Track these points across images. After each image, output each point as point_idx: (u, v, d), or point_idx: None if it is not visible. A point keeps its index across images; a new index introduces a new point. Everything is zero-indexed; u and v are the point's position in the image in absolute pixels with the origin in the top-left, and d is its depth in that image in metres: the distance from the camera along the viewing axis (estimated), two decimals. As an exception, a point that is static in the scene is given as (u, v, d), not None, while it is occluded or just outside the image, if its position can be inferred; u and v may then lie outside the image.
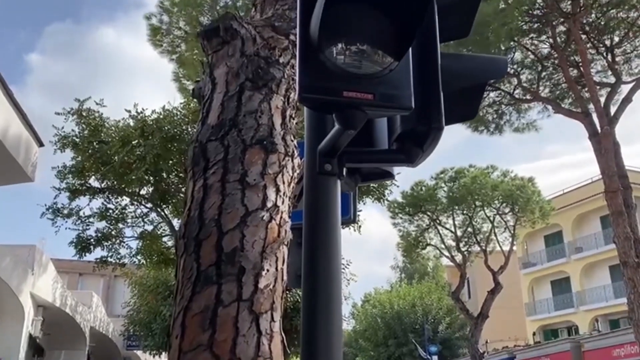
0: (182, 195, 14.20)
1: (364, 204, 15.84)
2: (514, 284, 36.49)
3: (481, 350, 27.87)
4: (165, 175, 14.26)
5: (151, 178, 14.05)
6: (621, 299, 25.44)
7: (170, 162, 13.74)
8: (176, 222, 15.12)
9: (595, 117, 17.64)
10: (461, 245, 28.58)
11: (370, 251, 79.62)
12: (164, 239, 15.96)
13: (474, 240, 28.38)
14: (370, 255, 78.92)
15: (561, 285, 38.40)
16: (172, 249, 15.17)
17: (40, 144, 11.37)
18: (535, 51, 19.54)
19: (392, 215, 28.80)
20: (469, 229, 28.33)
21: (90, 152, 13.90)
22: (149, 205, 15.32)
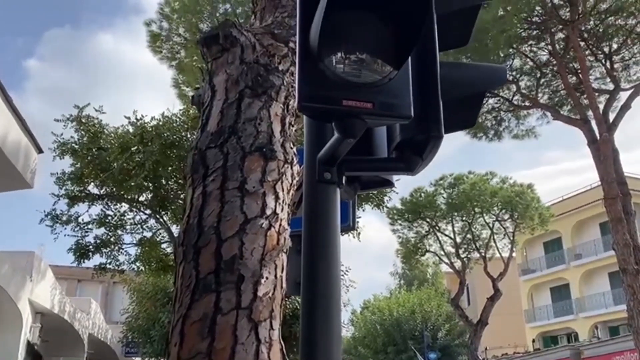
0: (181, 202, 14.17)
1: (363, 210, 15.84)
2: (513, 291, 36.42)
3: (480, 357, 27.83)
4: (164, 182, 14.24)
5: (150, 184, 14.03)
6: (621, 305, 25.41)
7: (170, 168, 13.74)
8: (175, 229, 15.08)
9: (594, 124, 17.67)
10: (460, 251, 28.53)
11: (369, 257, 79.49)
12: (163, 246, 15.92)
13: (474, 246, 28.35)
14: (370, 262, 78.78)
15: (560, 292, 38.33)
16: (171, 255, 15.14)
17: (40, 151, 11.35)
18: (534, 58, 19.58)
19: (392, 221, 28.79)
20: (468, 236, 28.29)
21: (89, 158, 13.88)
22: (148, 211, 15.30)
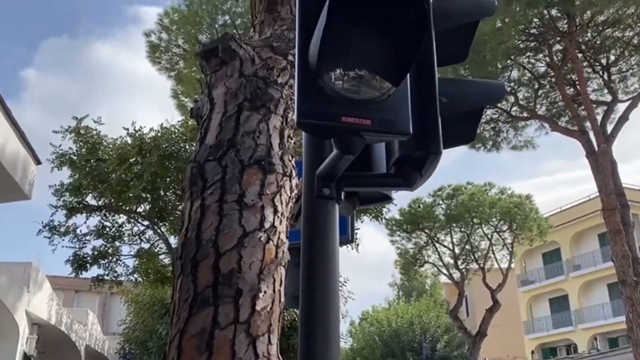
0: (179, 213, 14.16)
1: (361, 222, 15.85)
2: (512, 302, 36.31)
3: (479, 369, 27.65)
4: (162, 193, 14.24)
5: (148, 196, 14.02)
6: (620, 317, 25.34)
7: (168, 179, 13.74)
8: (173, 240, 15.06)
9: (592, 135, 17.72)
10: (459, 262, 28.45)
11: (368, 268, 79.26)
12: (161, 257, 15.89)
13: (472, 257, 28.27)
14: (368, 273, 78.49)
15: (559, 303, 38.24)
16: (169, 267, 15.10)
17: (38, 162, 11.34)
18: (532, 69, 19.67)
19: (390, 232, 28.74)
20: (467, 247, 28.22)
21: (87, 170, 13.88)
22: (146, 223, 15.28)
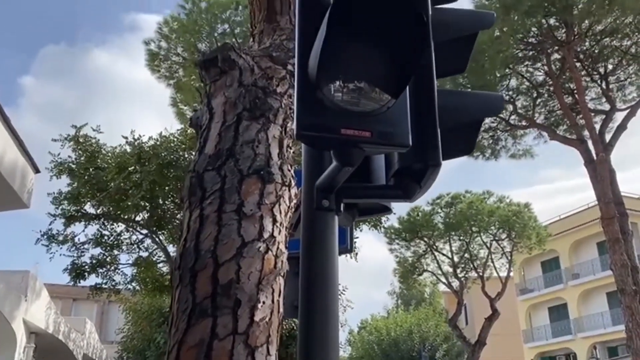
0: (177, 222, 14.14)
1: (360, 230, 15.82)
2: (511, 311, 36.24)
3: (479, 378, 27.53)
4: (161, 202, 14.22)
5: (147, 204, 14.00)
6: (619, 326, 25.28)
7: (166, 188, 13.72)
8: (171, 249, 15.04)
9: (590, 144, 17.75)
10: (458, 271, 28.39)
11: (366, 276, 79.17)
12: (159, 266, 15.86)
13: (471, 266, 28.22)
14: (367, 281, 78.37)
15: (558, 312, 38.17)
16: (167, 275, 15.07)
17: (37, 171, 11.33)
18: (530, 78, 19.73)
19: (389, 241, 28.68)
20: (466, 255, 28.17)
21: (86, 178, 13.86)
22: (144, 231, 15.25)
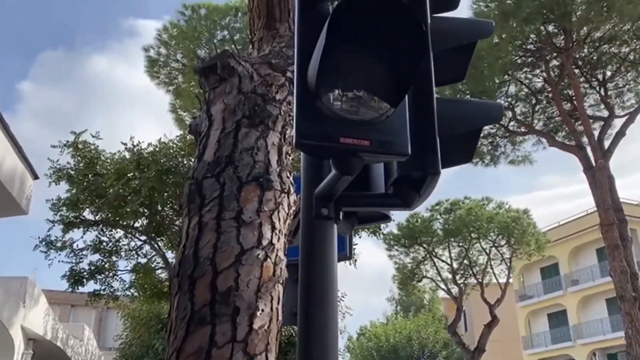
0: (176, 228, 14.13)
1: (359, 237, 15.80)
2: (510, 317, 36.18)
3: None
4: (159, 208, 14.20)
5: (146, 210, 13.98)
6: (619, 332, 25.24)
7: (165, 194, 13.70)
8: (170, 255, 15.01)
9: (589, 151, 17.77)
10: (457, 277, 28.36)
11: (365, 282, 78.96)
12: (158, 272, 15.82)
13: (470, 272, 28.18)
14: (366, 287, 78.20)
15: (558, 318, 38.11)
16: (166, 282, 15.03)
17: (35, 177, 11.32)
18: (529, 85, 19.77)
19: (388, 247, 28.64)
20: (465, 261, 28.14)
21: (85, 184, 13.84)
22: (143, 237, 15.22)
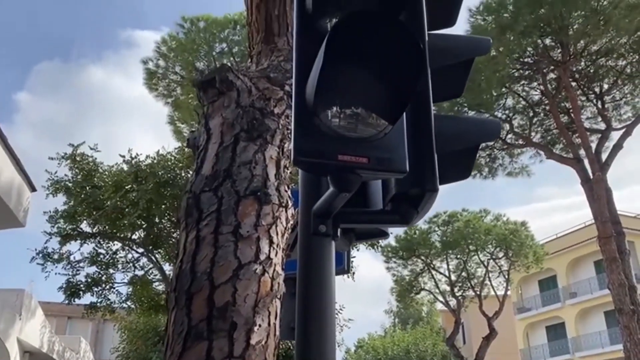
0: (173, 240, 14.07)
1: (357, 250, 15.72)
2: (508, 330, 36.03)
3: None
4: (157, 220, 14.15)
5: (143, 223, 13.93)
6: (617, 345, 25.11)
7: (163, 206, 13.66)
8: (167, 267, 14.95)
9: (586, 163, 17.80)
10: (455, 290, 28.29)
11: (363, 294, 78.61)
12: (155, 284, 15.74)
13: (469, 285, 28.12)
14: (364, 299, 77.81)
15: (556, 331, 37.95)
16: (163, 294, 14.96)
17: (33, 189, 11.28)
18: (526, 97, 19.84)
19: (386, 259, 28.59)
20: (463, 274, 28.08)
21: (82, 196, 13.79)
22: (140, 250, 15.16)
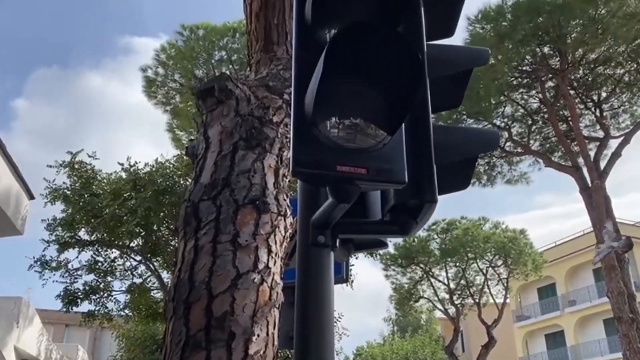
0: (172, 248, 14.06)
1: (356, 258, 15.68)
2: (507, 338, 35.96)
3: (476, 407, 27.19)
4: (155, 228, 14.13)
5: (141, 231, 13.91)
6: (617, 353, 25.09)
7: (161, 214, 13.65)
8: (165, 275, 14.92)
9: (585, 171, 17.82)
10: (454, 298, 28.27)
11: (362, 302, 78.44)
12: (153, 292, 15.71)
13: (467, 292, 28.10)
14: (363, 307, 77.61)
15: (555, 339, 37.87)
16: (161, 302, 14.92)
17: (31, 197, 11.26)
18: (525, 105, 19.88)
19: (385, 267, 28.59)
20: (462, 282, 28.07)
21: (81, 204, 13.78)
22: (139, 257, 15.14)
